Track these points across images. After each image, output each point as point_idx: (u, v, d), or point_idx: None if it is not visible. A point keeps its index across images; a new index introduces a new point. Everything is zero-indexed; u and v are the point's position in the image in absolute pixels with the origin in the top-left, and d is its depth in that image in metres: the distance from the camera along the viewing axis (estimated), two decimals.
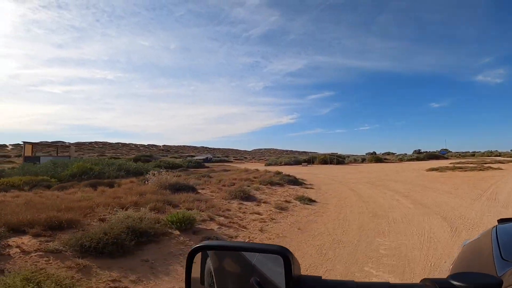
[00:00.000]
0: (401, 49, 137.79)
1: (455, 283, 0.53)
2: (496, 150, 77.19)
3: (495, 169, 21.35)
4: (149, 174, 9.61)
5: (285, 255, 0.61)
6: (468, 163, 31.41)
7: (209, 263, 0.93)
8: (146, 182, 9.30)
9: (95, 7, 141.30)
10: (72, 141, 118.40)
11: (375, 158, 42.62)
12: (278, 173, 15.64)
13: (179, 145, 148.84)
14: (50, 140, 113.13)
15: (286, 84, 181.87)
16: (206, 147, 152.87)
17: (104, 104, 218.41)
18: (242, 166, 42.55)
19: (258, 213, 6.93)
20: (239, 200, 8.03)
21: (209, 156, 64.33)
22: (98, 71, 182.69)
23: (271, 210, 7.43)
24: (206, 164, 40.14)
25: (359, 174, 21.69)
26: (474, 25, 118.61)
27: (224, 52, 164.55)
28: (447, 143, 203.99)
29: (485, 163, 30.12)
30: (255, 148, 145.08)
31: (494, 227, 1.35)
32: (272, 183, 11.79)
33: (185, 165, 35.65)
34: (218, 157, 75.95)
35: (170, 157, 70.61)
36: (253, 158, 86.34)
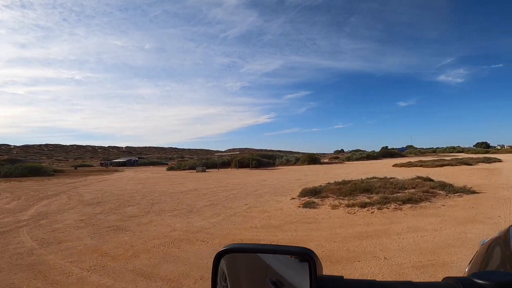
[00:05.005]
0: (371, 50, 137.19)
1: (477, 281, 0.53)
2: (459, 146, 76.40)
3: (465, 193, 8.50)
4: None
5: (310, 256, 0.61)
6: (419, 166, 19.30)
7: (223, 264, 0.83)
8: None
9: (63, 7, 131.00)
10: (19, 144, 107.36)
11: (309, 158, 32.00)
12: None
13: (145, 146, 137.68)
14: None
15: (263, 84, 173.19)
16: (175, 148, 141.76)
17: (72, 105, 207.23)
18: (138, 172, 31.11)
19: None
20: None
21: (133, 158, 59.78)
22: (65, 71, 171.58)
23: None
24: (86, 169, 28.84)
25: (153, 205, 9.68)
26: (436, 27, 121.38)
27: (200, 52, 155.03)
28: (413, 140, 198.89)
29: (443, 165, 18.10)
30: (229, 148, 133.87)
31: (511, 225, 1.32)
32: None
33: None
34: (169, 159, 65.38)
35: (95, 160, 59.67)
36: None
